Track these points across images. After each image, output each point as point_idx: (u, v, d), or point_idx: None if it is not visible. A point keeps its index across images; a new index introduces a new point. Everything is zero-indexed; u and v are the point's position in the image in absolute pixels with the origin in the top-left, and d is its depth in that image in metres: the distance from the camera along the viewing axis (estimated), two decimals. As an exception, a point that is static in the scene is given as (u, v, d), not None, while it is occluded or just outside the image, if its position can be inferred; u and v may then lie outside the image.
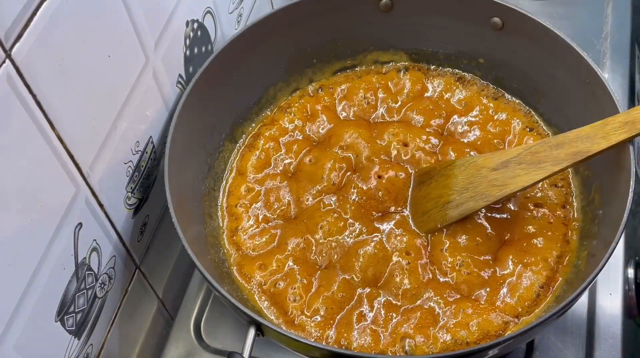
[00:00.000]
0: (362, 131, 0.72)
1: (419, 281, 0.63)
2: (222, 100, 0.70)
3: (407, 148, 0.71)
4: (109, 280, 0.61)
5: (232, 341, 0.69)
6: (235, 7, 0.75)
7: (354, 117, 0.76)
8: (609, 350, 0.65)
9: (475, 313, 0.61)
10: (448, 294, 0.63)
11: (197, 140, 0.68)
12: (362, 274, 0.64)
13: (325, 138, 0.73)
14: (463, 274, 0.63)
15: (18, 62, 0.43)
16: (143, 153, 0.63)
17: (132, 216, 0.63)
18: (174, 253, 0.74)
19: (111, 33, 0.54)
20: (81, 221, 0.54)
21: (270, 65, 0.74)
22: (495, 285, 0.63)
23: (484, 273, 0.64)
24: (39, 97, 0.46)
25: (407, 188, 0.69)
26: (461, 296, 0.63)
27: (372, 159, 0.70)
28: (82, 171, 0.53)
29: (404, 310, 0.62)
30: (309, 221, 0.67)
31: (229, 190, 0.71)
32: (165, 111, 0.66)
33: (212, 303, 0.71)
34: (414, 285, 0.63)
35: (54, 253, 0.51)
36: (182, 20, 0.64)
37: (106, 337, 0.63)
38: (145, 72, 0.60)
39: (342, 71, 0.78)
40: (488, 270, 0.64)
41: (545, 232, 0.65)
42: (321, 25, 0.74)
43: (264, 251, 0.67)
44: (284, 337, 0.55)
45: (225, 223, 0.69)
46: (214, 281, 0.56)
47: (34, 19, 0.44)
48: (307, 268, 0.65)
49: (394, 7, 0.74)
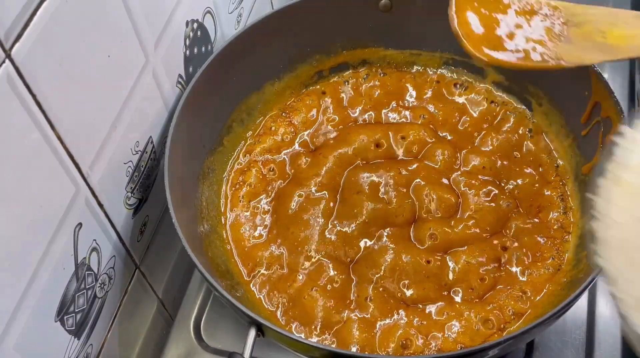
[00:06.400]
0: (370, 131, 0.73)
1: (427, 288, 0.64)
2: (222, 100, 0.70)
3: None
4: (109, 280, 0.60)
5: (232, 341, 0.69)
6: (235, 7, 0.75)
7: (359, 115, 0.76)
8: (608, 350, 0.65)
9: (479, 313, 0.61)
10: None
11: (197, 140, 0.68)
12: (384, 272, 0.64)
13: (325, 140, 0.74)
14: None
15: (18, 62, 0.43)
16: (143, 153, 0.63)
17: (132, 216, 0.63)
18: (173, 253, 0.74)
19: (111, 33, 0.54)
20: (81, 221, 0.54)
21: (270, 65, 0.74)
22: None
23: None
24: (38, 98, 0.46)
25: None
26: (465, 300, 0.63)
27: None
28: (81, 171, 0.53)
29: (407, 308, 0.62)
30: (308, 221, 0.67)
31: (229, 190, 0.71)
32: (165, 111, 0.66)
33: (212, 303, 0.71)
34: (414, 282, 0.63)
35: (53, 253, 0.51)
36: (182, 20, 0.64)
37: (106, 337, 0.63)
38: (145, 72, 0.60)
39: (342, 71, 0.78)
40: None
41: (544, 232, 0.65)
42: (321, 26, 0.74)
43: (265, 251, 0.67)
44: (284, 338, 0.55)
45: (225, 223, 0.69)
46: (214, 281, 0.56)
47: (34, 19, 0.44)
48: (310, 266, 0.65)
49: (393, 7, 0.74)
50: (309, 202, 0.68)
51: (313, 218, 0.67)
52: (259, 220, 0.69)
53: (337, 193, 0.69)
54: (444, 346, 0.60)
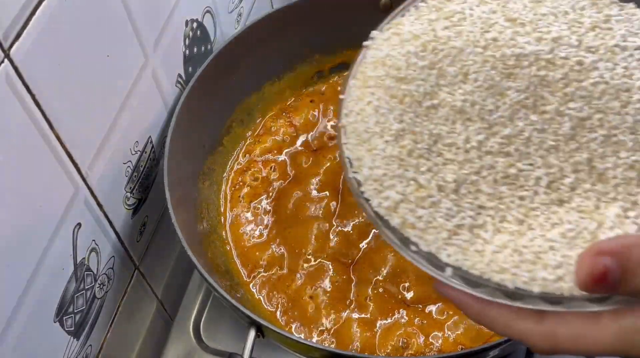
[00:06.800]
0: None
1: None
2: (221, 100, 0.70)
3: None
4: (108, 281, 0.60)
5: (231, 342, 0.68)
6: (234, 6, 0.75)
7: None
8: (609, 350, 0.65)
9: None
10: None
11: (196, 140, 0.68)
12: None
13: (326, 140, 0.74)
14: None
15: (17, 62, 0.43)
16: (142, 153, 0.63)
17: (131, 216, 0.63)
18: (173, 254, 0.74)
19: (110, 33, 0.53)
20: (80, 221, 0.54)
21: (270, 64, 0.74)
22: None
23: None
24: (37, 97, 0.46)
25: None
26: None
27: None
28: (81, 171, 0.53)
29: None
30: (308, 222, 0.67)
31: (229, 190, 0.71)
32: (165, 110, 0.65)
33: (211, 303, 0.71)
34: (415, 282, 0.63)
35: (52, 254, 0.51)
36: (181, 19, 0.64)
37: (105, 338, 0.63)
38: (144, 71, 0.60)
39: (342, 71, 0.78)
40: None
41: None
42: (321, 25, 0.74)
43: (265, 251, 0.67)
44: (284, 338, 0.55)
45: (225, 223, 0.69)
46: (214, 282, 0.56)
47: (33, 19, 0.44)
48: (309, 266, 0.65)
49: (393, 6, 0.73)
50: (310, 202, 0.68)
51: (314, 218, 0.67)
52: (259, 220, 0.69)
53: (338, 193, 0.69)
54: (444, 347, 0.60)
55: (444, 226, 0.39)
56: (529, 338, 0.36)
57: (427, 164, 0.40)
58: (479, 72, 0.40)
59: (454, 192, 0.39)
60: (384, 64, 0.44)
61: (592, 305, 0.35)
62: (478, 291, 0.37)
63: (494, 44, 0.40)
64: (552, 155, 0.39)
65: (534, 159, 0.39)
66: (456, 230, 0.39)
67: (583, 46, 0.40)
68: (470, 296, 0.37)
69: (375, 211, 0.40)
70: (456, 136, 0.40)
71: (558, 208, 0.38)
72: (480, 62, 0.40)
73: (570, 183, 0.38)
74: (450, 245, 0.38)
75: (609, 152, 0.38)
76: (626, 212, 0.37)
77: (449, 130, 0.40)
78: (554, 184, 0.39)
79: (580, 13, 0.42)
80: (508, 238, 0.38)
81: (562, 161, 0.39)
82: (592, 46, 0.40)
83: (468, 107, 0.40)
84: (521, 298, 0.36)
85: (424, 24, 0.44)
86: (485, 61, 0.40)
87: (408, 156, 0.40)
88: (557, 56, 0.39)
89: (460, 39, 0.41)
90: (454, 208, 0.39)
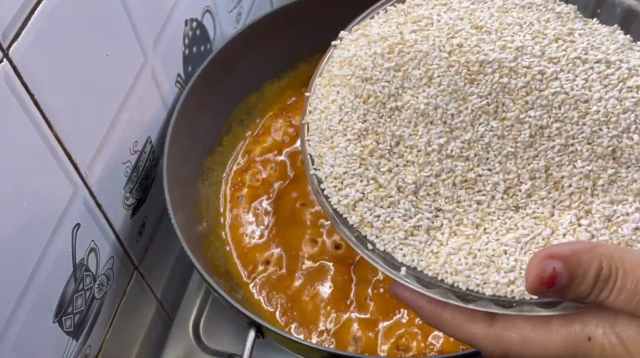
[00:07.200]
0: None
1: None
2: (221, 99, 0.70)
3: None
4: (107, 281, 0.60)
5: (231, 342, 0.68)
6: (234, 5, 0.75)
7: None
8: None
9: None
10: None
11: (196, 140, 0.68)
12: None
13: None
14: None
15: (16, 62, 0.43)
16: (142, 153, 0.62)
17: (130, 216, 0.63)
18: (172, 254, 0.74)
19: (109, 32, 0.53)
20: (79, 221, 0.54)
21: (270, 64, 0.74)
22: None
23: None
24: (36, 97, 0.46)
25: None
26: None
27: None
28: (80, 171, 0.53)
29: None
30: (309, 222, 0.67)
31: (228, 190, 0.71)
32: (164, 110, 0.65)
33: (211, 304, 0.71)
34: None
35: (51, 254, 0.50)
36: (181, 19, 0.64)
37: (104, 339, 0.62)
38: (143, 71, 0.59)
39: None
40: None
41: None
42: (321, 24, 0.73)
43: (265, 252, 0.66)
44: (284, 339, 0.55)
45: (224, 223, 0.69)
46: (213, 282, 0.55)
47: (32, 18, 0.44)
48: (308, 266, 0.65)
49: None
50: (310, 202, 0.68)
51: (314, 219, 0.67)
52: (258, 221, 0.69)
53: (337, 193, 0.69)
54: (445, 347, 0.60)
55: (401, 226, 0.40)
56: (479, 342, 0.37)
57: (388, 164, 0.41)
58: (443, 76, 0.41)
59: (413, 193, 0.40)
60: (351, 64, 0.45)
61: (541, 310, 0.36)
62: (431, 292, 0.38)
63: (459, 49, 0.41)
64: (511, 161, 0.40)
65: (492, 165, 0.40)
66: (413, 231, 0.40)
67: (546, 56, 0.41)
68: (424, 298, 0.38)
69: (334, 208, 0.41)
70: (418, 138, 0.41)
71: (514, 213, 0.40)
72: (444, 66, 0.41)
73: (527, 190, 0.40)
74: (406, 245, 0.39)
75: (566, 161, 0.39)
76: (579, 220, 0.38)
77: (411, 132, 0.41)
78: (511, 190, 0.40)
79: (545, 25, 0.43)
80: (463, 240, 0.39)
81: (520, 168, 0.40)
82: (554, 56, 0.41)
83: (431, 110, 0.41)
84: (473, 301, 0.37)
85: (392, 27, 0.45)
86: (449, 65, 0.41)
87: (369, 155, 0.41)
88: (520, 65, 0.40)
89: (427, 43, 0.42)
90: (412, 209, 0.40)
